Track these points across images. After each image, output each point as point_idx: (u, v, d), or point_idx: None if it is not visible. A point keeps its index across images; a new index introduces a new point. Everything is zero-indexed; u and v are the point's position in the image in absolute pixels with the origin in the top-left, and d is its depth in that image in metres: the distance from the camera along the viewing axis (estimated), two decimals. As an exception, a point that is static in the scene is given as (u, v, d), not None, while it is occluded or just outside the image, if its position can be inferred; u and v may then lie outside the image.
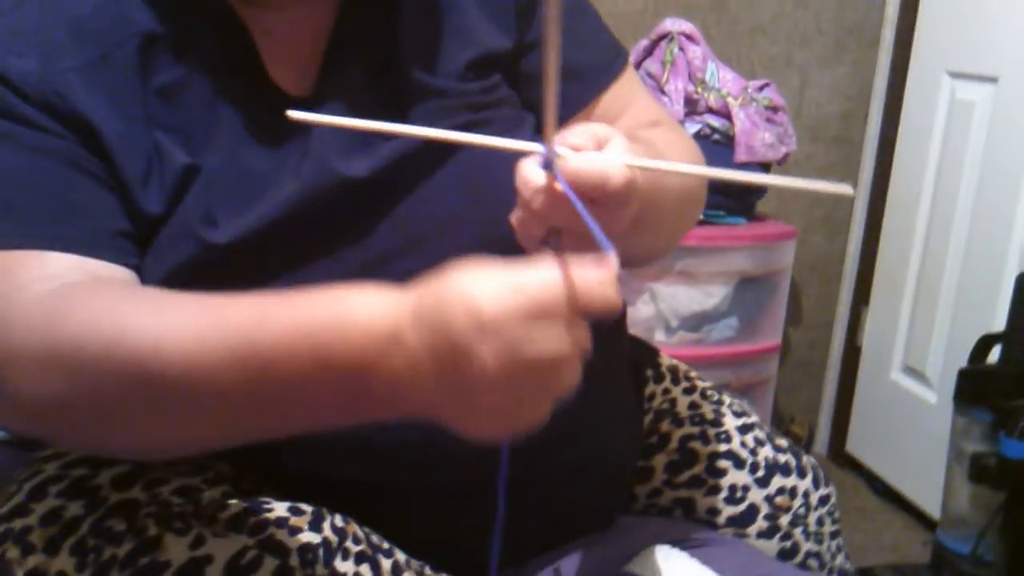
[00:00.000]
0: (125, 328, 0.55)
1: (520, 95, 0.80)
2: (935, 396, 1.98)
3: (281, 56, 0.72)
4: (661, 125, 0.84)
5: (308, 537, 0.66)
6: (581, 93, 0.81)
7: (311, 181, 0.68)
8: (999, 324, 1.67)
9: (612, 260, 0.48)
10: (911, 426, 2.05)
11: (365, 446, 0.68)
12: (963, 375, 1.64)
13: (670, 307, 1.84)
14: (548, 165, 0.53)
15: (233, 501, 0.65)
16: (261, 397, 0.54)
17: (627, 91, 0.84)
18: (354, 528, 0.70)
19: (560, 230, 0.55)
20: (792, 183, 0.55)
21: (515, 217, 0.56)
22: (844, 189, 0.53)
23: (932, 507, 1.93)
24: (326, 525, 0.68)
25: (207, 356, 0.53)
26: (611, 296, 0.48)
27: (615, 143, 0.57)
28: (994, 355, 1.66)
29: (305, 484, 0.71)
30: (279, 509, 0.66)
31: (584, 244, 0.51)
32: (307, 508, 0.68)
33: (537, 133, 0.80)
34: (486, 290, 0.47)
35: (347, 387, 0.52)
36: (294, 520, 0.66)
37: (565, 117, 0.81)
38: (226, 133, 0.69)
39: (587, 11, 0.85)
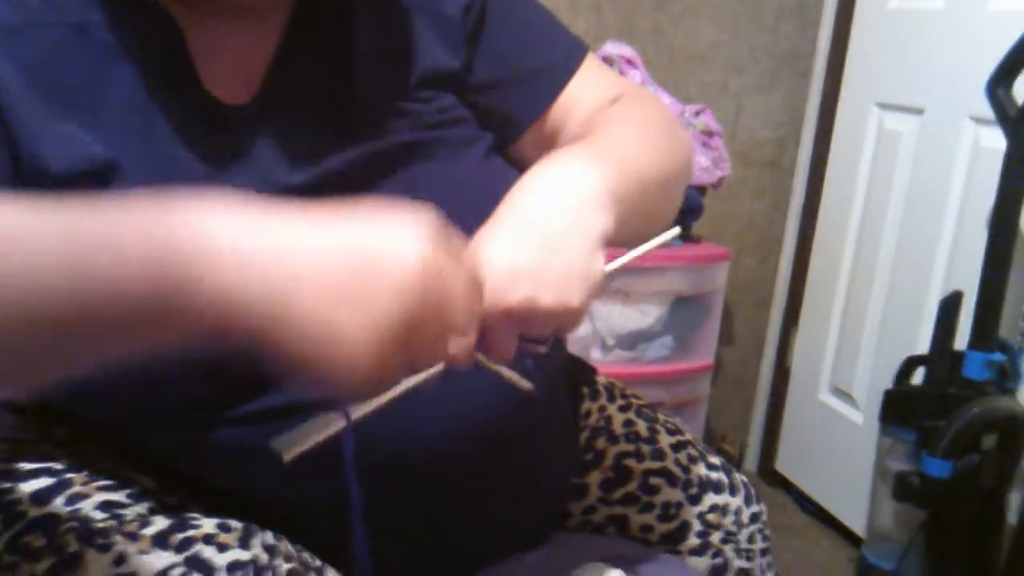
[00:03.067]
0: None
1: (477, 108, 0.81)
2: (862, 416, 2.03)
3: (219, 64, 0.71)
4: (621, 98, 0.84)
5: (237, 555, 0.64)
6: (539, 98, 0.83)
7: (251, 191, 0.67)
8: (923, 346, 1.72)
9: None
10: (838, 446, 2.09)
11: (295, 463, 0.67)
12: (888, 396, 1.68)
13: (606, 325, 1.85)
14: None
15: (158, 517, 0.63)
16: (78, 280, 0.46)
17: (582, 81, 0.84)
18: (286, 546, 0.68)
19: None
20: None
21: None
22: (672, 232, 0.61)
23: (858, 525, 1.97)
24: (256, 542, 0.66)
25: (29, 223, 0.47)
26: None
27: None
28: (918, 376, 1.71)
29: (234, 499, 0.69)
30: (207, 526, 0.64)
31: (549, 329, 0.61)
32: (236, 524, 0.66)
33: (498, 151, 0.81)
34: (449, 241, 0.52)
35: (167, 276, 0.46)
36: (223, 537, 0.64)
37: (529, 122, 0.83)
38: (154, 136, 0.67)
39: (540, 16, 0.86)
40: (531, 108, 0.83)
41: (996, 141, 1.58)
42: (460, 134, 0.78)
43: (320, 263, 0.48)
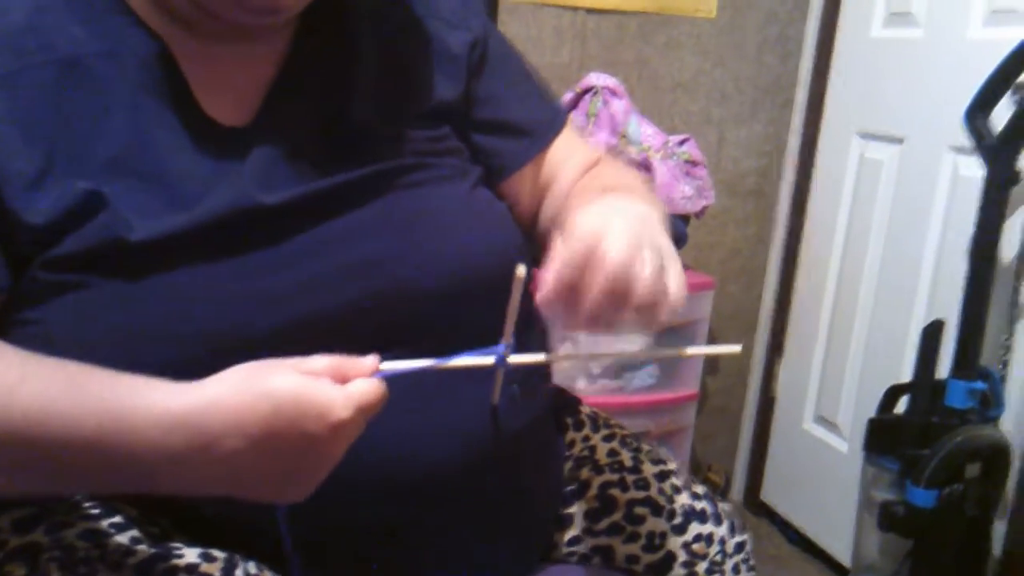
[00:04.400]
0: None
1: (470, 142, 0.84)
2: (846, 445, 2.03)
3: (217, 86, 0.72)
4: (602, 161, 0.91)
5: (219, 585, 0.64)
6: (529, 148, 0.88)
7: (228, 203, 0.68)
8: (907, 374, 1.73)
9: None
10: (823, 475, 2.09)
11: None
12: (872, 425, 1.68)
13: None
14: (502, 362, 0.61)
15: (141, 547, 0.63)
16: (48, 468, 0.57)
17: (568, 142, 0.91)
18: (267, 576, 0.68)
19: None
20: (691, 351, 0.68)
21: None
22: (733, 350, 0.64)
23: (844, 555, 1.97)
24: (238, 572, 0.66)
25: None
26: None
27: None
28: (902, 405, 1.71)
29: (217, 529, 0.69)
30: (190, 555, 0.64)
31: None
32: (219, 554, 0.66)
33: (483, 183, 0.83)
34: (336, 400, 0.55)
35: (131, 475, 0.57)
36: (205, 567, 0.64)
37: (516, 168, 0.88)
38: (146, 154, 0.68)
39: (531, 74, 0.92)
40: (520, 156, 0.87)
41: (975, 170, 1.60)
42: (450, 163, 0.79)
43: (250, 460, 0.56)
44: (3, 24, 0.68)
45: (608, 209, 0.65)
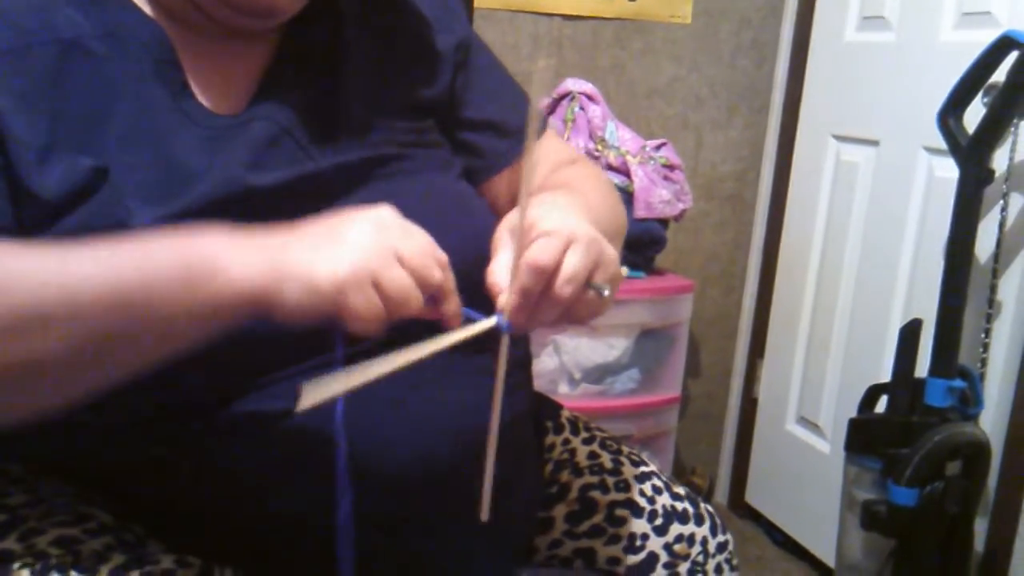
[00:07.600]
0: None
1: (454, 139, 0.86)
2: (828, 446, 2.04)
3: (210, 78, 0.73)
4: (576, 163, 0.93)
5: (195, 592, 0.64)
6: (512, 148, 0.90)
7: (220, 186, 0.68)
8: (887, 374, 1.73)
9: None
10: (806, 476, 2.10)
11: (255, 491, 0.67)
12: (853, 425, 1.69)
13: (573, 359, 1.86)
14: (508, 328, 0.63)
15: (116, 553, 0.62)
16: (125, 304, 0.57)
17: (547, 144, 0.93)
18: (243, 582, 0.67)
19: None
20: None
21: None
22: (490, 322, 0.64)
23: (828, 555, 1.97)
24: (215, 579, 0.65)
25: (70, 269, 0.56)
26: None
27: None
28: (882, 405, 1.72)
29: (197, 527, 0.68)
30: (165, 562, 0.64)
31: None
32: (195, 561, 0.65)
33: (464, 177, 0.86)
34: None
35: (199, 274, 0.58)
36: (180, 573, 0.64)
37: (499, 168, 0.90)
38: (148, 135, 0.69)
39: (512, 80, 0.95)
40: (505, 156, 0.89)
41: (950, 171, 1.61)
42: (435, 155, 0.81)
43: (301, 233, 0.62)
44: (7, 3, 0.68)
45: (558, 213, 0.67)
